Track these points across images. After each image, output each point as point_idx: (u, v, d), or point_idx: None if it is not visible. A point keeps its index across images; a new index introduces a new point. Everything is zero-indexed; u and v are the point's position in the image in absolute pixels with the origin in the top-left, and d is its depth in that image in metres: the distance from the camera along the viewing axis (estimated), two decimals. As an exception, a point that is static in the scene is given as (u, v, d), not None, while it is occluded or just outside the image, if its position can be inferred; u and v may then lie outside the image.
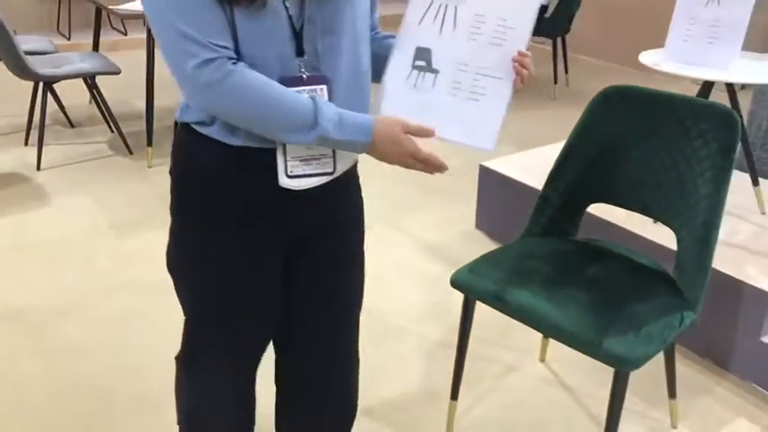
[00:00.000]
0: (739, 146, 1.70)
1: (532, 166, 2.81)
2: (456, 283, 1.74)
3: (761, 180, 2.80)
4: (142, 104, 3.61)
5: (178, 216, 1.30)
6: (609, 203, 1.92)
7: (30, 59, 3.34)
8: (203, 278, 1.29)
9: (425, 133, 1.20)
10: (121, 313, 2.40)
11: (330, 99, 1.18)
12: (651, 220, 2.48)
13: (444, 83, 1.26)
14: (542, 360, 2.24)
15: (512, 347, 2.30)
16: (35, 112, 3.74)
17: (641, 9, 5.33)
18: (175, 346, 1.43)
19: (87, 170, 3.56)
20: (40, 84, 3.56)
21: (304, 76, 1.16)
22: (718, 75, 2.28)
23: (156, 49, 3.47)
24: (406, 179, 3.37)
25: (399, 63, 1.27)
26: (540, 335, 2.29)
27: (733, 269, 2.16)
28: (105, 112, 3.85)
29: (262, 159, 1.18)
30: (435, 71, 1.26)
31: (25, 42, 3.74)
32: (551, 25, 4.96)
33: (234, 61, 1.10)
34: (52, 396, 2.01)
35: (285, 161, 1.18)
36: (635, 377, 2.13)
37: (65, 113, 4.13)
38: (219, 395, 1.43)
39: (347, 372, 1.48)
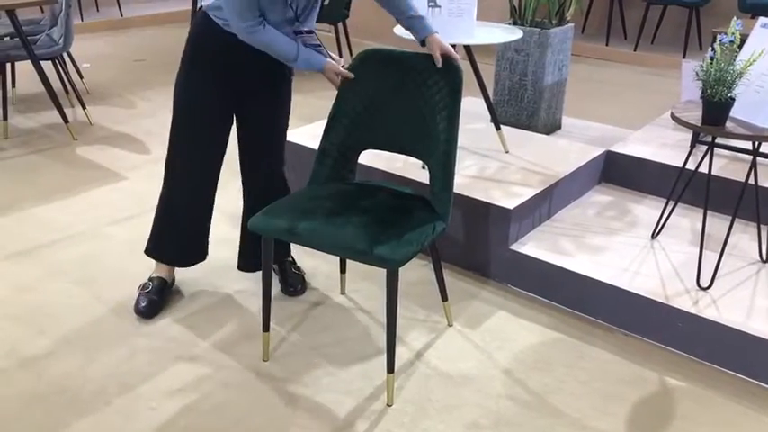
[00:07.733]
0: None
1: (319, 134, 3.15)
2: (252, 226, 2.03)
3: (505, 127, 3.39)
4: None
5: (183, 58, 2.30)
6: (375, 149, 2.31)
7: None
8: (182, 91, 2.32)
9: (346, 75, 2.21)
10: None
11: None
12: (420, 164, 2.94)
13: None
14: (343, 293, 2.60)
15: (316, 289, 2.63)
16: None
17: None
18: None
19: None
20: None
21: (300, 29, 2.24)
22: (457, 39, 2.76)
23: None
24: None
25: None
26: (338, 273, 2.65)
27: (483, 195, 2.66)
28: None
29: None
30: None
31: None
32: (330, 13, 5.36)
33: (263, 24, 2.13)
34: None
35: None
36: (416, 292, 2.55)
37: None
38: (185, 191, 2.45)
39: (275, 154, 2.49)
